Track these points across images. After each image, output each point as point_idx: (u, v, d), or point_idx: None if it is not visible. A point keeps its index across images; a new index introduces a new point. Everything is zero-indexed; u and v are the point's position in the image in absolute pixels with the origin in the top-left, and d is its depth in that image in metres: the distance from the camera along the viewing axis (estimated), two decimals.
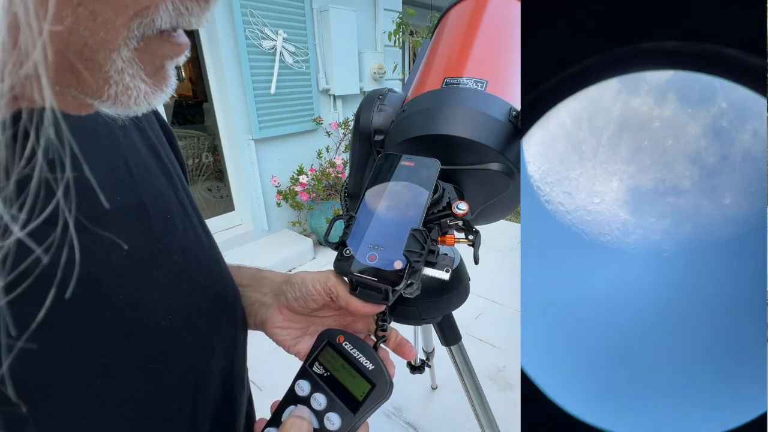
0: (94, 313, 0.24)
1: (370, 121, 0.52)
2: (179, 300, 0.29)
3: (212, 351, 0.32)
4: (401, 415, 1.49)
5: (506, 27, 0.54)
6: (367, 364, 0.32)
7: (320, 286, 0.36)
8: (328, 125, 3.00)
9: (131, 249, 0.27)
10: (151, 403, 0.27)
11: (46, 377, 0.22)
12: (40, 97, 0.13)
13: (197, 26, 0.17)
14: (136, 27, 0.15)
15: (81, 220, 0.24)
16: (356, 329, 0.39)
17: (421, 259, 0.32)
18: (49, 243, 0.17)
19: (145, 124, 0.33)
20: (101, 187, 0.26)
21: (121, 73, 0.16)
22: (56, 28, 0.13)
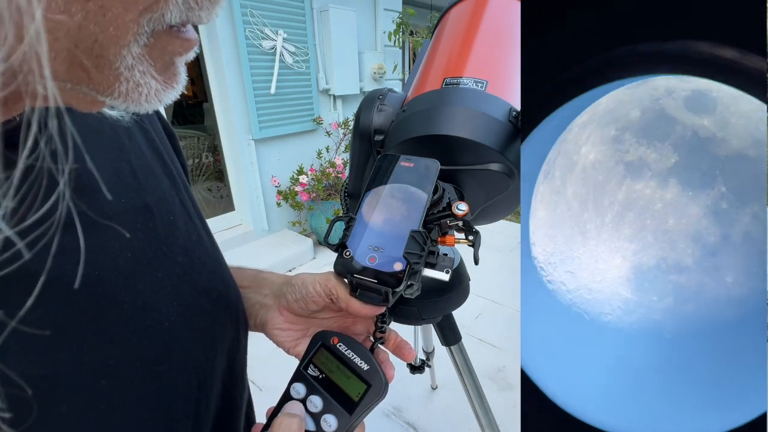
0: (101, 314, 0.24)
1: (370, 121, 0.52)
2: (183, 301, 0.29)
3: (215, 351, 0.32)
4: (401, 415, 1.49)
5: (506, 27, 0.54)
6: (362, 364, 0.32)
7: (320, 288, 0.36)
8: (328, 125, 3.00)
9: (137, 251, 0.27)
10: (156, 403, 0.27)
11: (55, 378, 0.22)
12: (42, 88, 0.13)
13: (207, 21, 0.17)
14: (146, 22, 0.15)
15: (88, 221, 0.24)
16: (355, 331, 0.39)
17: (420, 260, 0.32)
18: (50, 236, 0.17)
19: (148, 126, 0.33)
20: (107, 190, 0.26)
21: (132, 70, 0.16)
22: (59, 17, 0.13)
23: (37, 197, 0.16)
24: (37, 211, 0.15)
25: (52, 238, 0.18)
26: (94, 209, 0.25)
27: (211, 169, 3.40)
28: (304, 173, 2.68)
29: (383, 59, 3.24)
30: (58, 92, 0.14)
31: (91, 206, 0.24)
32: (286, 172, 2.84)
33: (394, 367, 0.34)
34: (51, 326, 0.22)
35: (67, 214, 0.16)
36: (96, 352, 0.24)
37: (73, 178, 0.23)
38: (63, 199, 0.16)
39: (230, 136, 2.60)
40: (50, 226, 0.17)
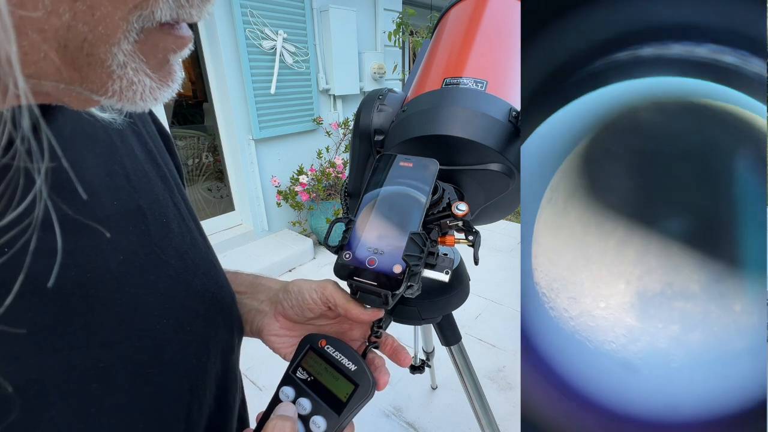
0: (92, 317, 0.24)
1: (370, 121, 0.52)
2: (176, 303, 0.29)
3: (207, 354, 0.32)
4: (401, 415, 1.49)
5: (506, 27, 0.54)
6: (350, 365, 0.32)
7: (317, 295, 0.35)
8: (328, 125, 3.00)
9: (129, 254, 0.27)
10: (148, 407, 0.26)
11: (46, 383, 0.22)
12: (14, 86, 0.13)
13: (198, 19, 0.17)
14: (135, 20, 0.15)
15: (80, 224, 0.24)
16: (352, 337, 0.39)
17: (420, 262, 0.32)
18: (27, 237, 0.17)
19: (141, 128, 0.33)
20: (99, 192, 0.26)
21: (124, 68, 0.16)
22: (33, 14, 0.13)
23: (15, 196, 0.16)
24: (15, 209, 0.15)
25: (30, 240, 0.17)
26: (85, 212, 0.24)
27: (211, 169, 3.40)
28: (304, 173, 2.68)
29: (383, 59, 3.24)
30: (29, 91, 0.13)
31: (81, 209, 0.24)
32: (286, 172, 2.84)
33: (389, 373, 0.34)
34: (41, 329, 0.21)
35: (55, 216, 0.16)
36: (87, 355, 0.23)
37: (63, 180, 0.23)
38: (40, 199, 0.15)
39: (230, 136, 2.60)
40: (28, 227, 0.17)
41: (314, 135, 2.99)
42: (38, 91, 0.15)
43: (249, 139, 2.58)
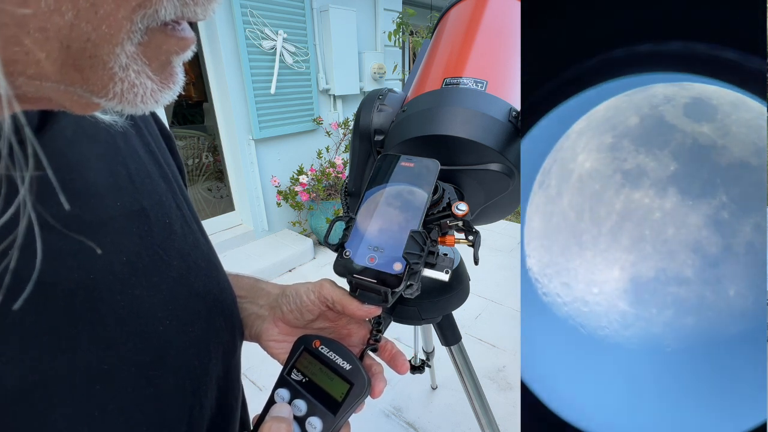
0: (96, 319, 0.24)
1: (370, 121, 0.52)
2: (178, 305, 0.29)
3: (209, 355, 0.32)
4: (401, 415, 1.49)
5: (506, 27, 0.54)
6: (344, 364, 0.32)
7: (314, 296, 0.35)
8: (328, 125, 2.99)
9: (132, 255, 0.27)
10: (150, 408, 0.26)
11: (50, 386, 0.22)
12: None
13: (203, 17, 0.17)
14: (139, 19, 0.14)
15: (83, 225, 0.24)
16: (352, 343, 0.39)
17: (420, 260, 0.32)
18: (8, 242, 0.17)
19: (144, 129, 0.33)
20: (102, 194, 0.26)
21: (126, 70, 0.15)
22: (35, 12, 0.12)
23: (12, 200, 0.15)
24: (2, 214, 0.15)
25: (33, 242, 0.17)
26: (89, 213, 0.24)
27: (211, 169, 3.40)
28: (304, 173, 2.68)
29: (383, 59, 3.23)
30: (13, 95, 0.13)
31: (85, 210, 0.24)
32: (286, 172, 2.84)
33: (386, 382, 0.34)
34: (45, 331, 0.21)
35: (36, 220, 0.16)
36: (91, 357, 0.23)
37: (66, 182, 0.23)
38: (24, 208, 0.15)
39: (230, 136, 2.60)
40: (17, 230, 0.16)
41: (314, 135, 2.99)
42: (40, 96, 0.15)
43: (249, 139, 2.58)
